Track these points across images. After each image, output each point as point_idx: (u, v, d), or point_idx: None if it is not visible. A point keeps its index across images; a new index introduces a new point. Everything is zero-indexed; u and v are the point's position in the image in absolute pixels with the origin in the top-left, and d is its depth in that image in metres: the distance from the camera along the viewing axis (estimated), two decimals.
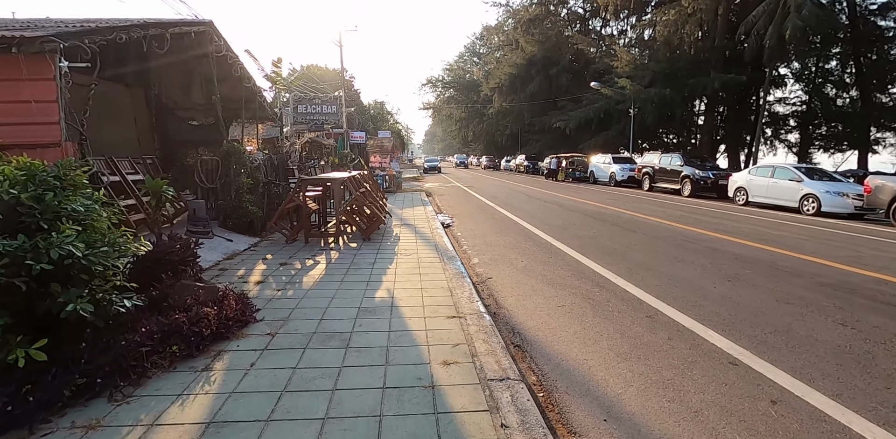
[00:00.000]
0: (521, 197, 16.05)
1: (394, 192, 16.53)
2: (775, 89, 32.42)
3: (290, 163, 10.45)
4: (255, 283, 4.68)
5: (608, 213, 11.32)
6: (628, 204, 13.75)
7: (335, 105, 10.71)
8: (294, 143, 10.71)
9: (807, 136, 32.11)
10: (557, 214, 11.16)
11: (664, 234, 8.34)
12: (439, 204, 13.92)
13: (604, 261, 6.19)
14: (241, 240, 6.74)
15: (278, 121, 10.08)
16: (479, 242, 7.75)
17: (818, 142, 32.13)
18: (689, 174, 16.69)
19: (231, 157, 6.90)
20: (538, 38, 38.12)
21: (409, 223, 9.23)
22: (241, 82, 8.20)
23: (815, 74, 31.23)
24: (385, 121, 63.93)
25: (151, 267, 3.70)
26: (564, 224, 9.60)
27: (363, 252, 6.31)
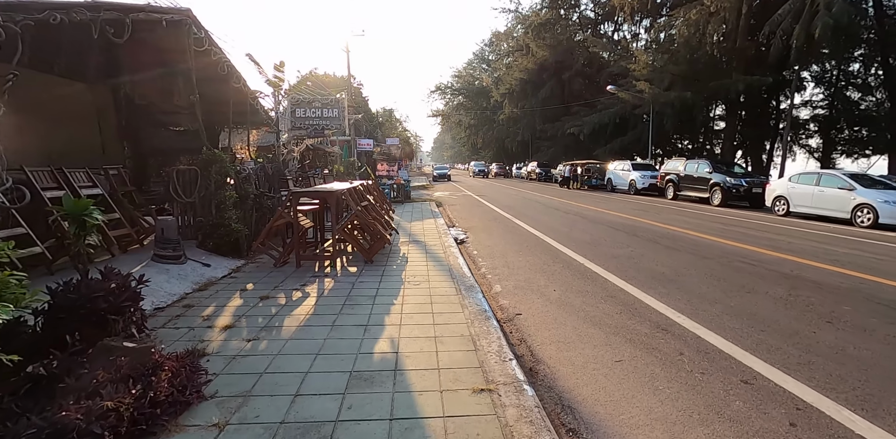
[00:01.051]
0: (537, 207, 14.97)
1: (402, 202, 15.54)
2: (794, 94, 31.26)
3: (287, 172, 9.50)
4: (221, 329, 3.66)
5: (639, 227, 10.19)
6: (657, 215, 12.60)
7: (337, 108, 9.81)
8: (292, 151, 9.82)
9: (829, 141, 30.80)
10: (582, 228, 10.06)
11: (713, 253, 7.21)
12: (451, 215, 12.89)
13: (655, 290, 5.09)
14: (222, 263, 5.74)
15: (274, 127, 9.17)
16: (498, 263, 6.69)
17: (840, 146, 30.85)
18: (720, 182, 15.50)
19: (211, 167, 5.94)
20: (549, 43, 37.18)
21: (418, 239, 8.20)
22: (230, 82, 7.27)
23: (837, 77, 29.99)
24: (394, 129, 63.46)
25: (66, 320, 2.69)
26: (593, 239, 8.51)
27: (364, 279, 5.27)
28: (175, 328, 3.68)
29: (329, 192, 5.81)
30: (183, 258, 5.27)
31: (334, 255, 5.85)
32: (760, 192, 15.00)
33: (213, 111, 8.44)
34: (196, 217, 6.13)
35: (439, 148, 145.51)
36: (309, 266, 5.93)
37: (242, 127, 9.47)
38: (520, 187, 27.48)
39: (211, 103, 8.19)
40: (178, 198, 6.06)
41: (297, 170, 11.84)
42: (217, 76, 7.29)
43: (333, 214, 5.81)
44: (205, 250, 6.01)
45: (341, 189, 6.17)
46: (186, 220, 6.19)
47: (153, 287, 4.44)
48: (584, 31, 37.52)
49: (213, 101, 8.06)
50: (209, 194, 6.04)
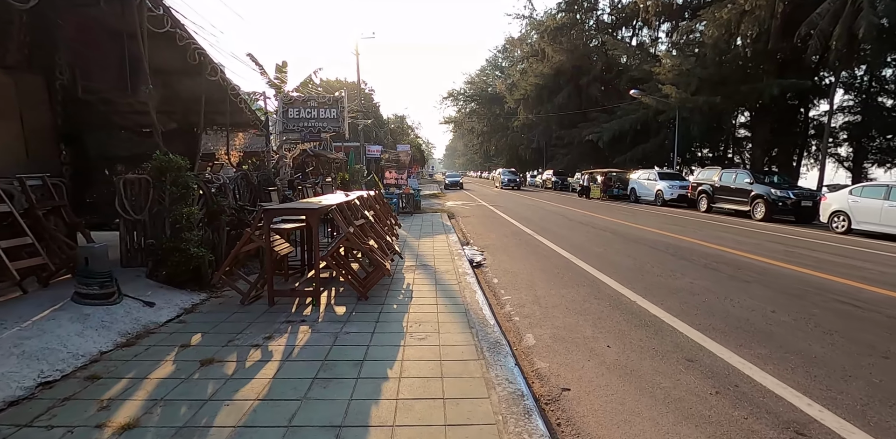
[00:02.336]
0: (559, 219, 13.57)
1: (411, 214, 14.26)
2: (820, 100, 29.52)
3: (278, 181, 8.27)
4: (115, 432, 2.35)
5: (684, 247, 8.76)
6: (697, 231, 11.13)
7: (335, 108, 8.60)
8: (284, 157, 8.64)
9: (861, 150, 29.02)
10: (618, 247, 8.65)
11: (798, 288, 5.77)
12: (464, 229, 11.55)
13: (750, 351, 3.70)
14: (173, 300, 4.46)
15: (263, 129, 8.01)
16: (526, 298, 5.33)
17: (872, 155, 29.09)
18: (763, 194, 13.96)
19: (165, 176, 4.69)
20: (566, 47, 35.89)
21: (426, 262, 6.87)
22: (203, 74, 6.07)
23: (870, 83, 28.28)
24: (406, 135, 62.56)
25: None
26: (636, 264, 7.10)
27: (352, 328, 3.95)
28: (45, 427, 2.39)
29: (311, 209, 4.52)
30: (116, 296, 4.00)
31: (316, 293, 4.53)
32: (810, 206, 13.45)
33: (191, 110, 7.26)
34: (146, 238, 4.88)
35: (451, 155, 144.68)
36: (286, 303, 4.64)
37: (231, 129, 8.28)
38: (536, 197, 26.08)
39: (186, 101, 7.02)
40: (124, 214, 4.82)
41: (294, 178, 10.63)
42: (189, 68, 6.12)
43: (314, 240, 4.50)
44: (155, 281, 4.75)
45: (329, 204, 4.88)
46: (135, 243, 4.94)
47: (52, 345, 3.18)
48: (602, 36, 36.17)
49: (189, 98, 6.88)
50: (162, 210, 4.79)
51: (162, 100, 6.83)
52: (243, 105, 7.28)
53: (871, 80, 28.55)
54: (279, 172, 8.36)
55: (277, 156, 8.48)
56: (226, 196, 6.21)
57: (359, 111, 26.10)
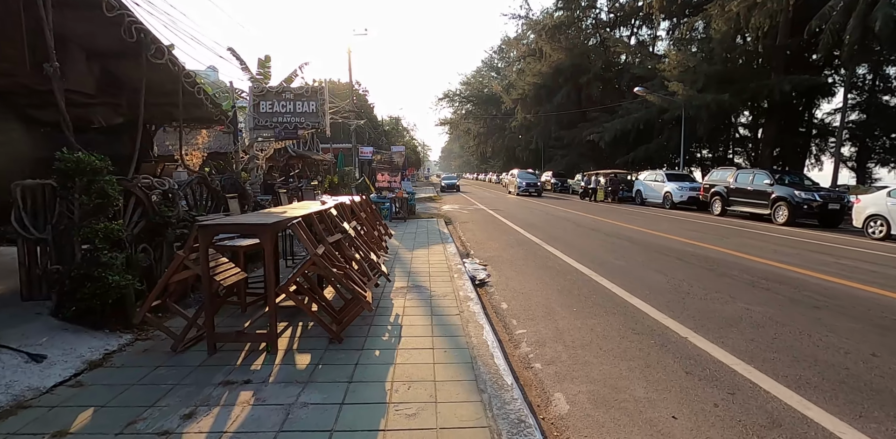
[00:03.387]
0: (566, 225, 12.48)
1: (405, 220, 13.13)
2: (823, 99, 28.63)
3: (248, 186, 7.12)
4: None
5: (718, 259, 7.66)
6: (724, 238, 10.04)
7: (314, 101, 7.47)
8: (256, 157, 7.48)
9: (865, 149, 28.17)
10: (642, 260, 7.54)
11: (882, 314, 4.68)
12: (463, 238, 10.43)
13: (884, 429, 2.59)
14: (78, 349, 3.32)
15: (231, 125, 6.89)
16: (546, 333, 4.21)
17: (876, 155, 28.26)
18: (786, 196, 12.91)
19: (74, 181, 3.55)
20: (565, 45, 34.96)
21: (420, 283, 5.74)
22: (144, 55, 4.94)
23: (873, 82, 27.43)
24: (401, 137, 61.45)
25: None
26: (672, 283, 5.98)
27: (312, 396, 2.81)
28: None
29: (263, 225, 3.38)
30: None
31: (272, 334, 3.39)
32: (838, 209, 12.42)
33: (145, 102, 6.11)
34: (52, 263, 3.72)
35: (447, 157, 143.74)
36: (231, 352, 3.49)
37: (192, 125, 7.12)
38: (536, 199, 24.98)
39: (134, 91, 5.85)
40: (22, 232, 3.67)
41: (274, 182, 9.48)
42: (127, 48, 4.98)
43: (270, 260, 3.37)
44: (61, 320, 3.60)
45: (293, 216, 3.74)
46: (38, 270, 3.78)
47: None
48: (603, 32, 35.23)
49: (133, 87, 5.72)
50: (71, 226, 3.64)
51: (101, 88, 5.71)
52: (203, 96, 6.13)
53: (874, 78, 27.73)
54: (251, 175, 7.22)
55: (247, 156, 7.33)
56: (174, 205, 5.06)
57: (351, 111, 24.96)
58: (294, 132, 7.45)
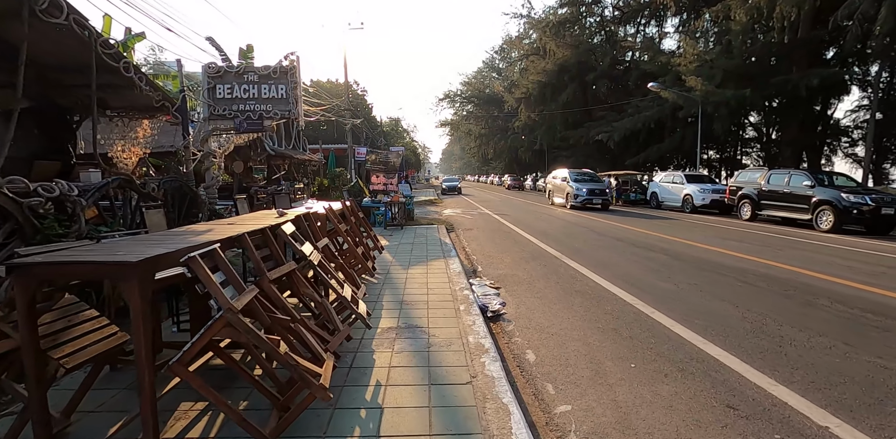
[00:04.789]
0: (583, 233, 11.02)
1: (401, 227, 11.68)
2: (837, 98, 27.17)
3: (203, 190, 5.68)
4: None
5: (795, 281, 6.19)
6: (779, 252, 8.57)
7: (284, 84, 6.04)
8: (212, 155, 6.04)
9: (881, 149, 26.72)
10: (695, 281, 6.08)
11: None
12: (468, 249, 8.98)
13: None
14: None
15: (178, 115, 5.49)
16: (602, 412, 2.75)
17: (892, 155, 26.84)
18: (831, 199, 11.44)
19: None
20: (570, 42, 33.55)
21: (415, 321, 4.27)
22: (28, 9, 3.51)
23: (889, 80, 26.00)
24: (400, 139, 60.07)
25: None
26: (755, 322, 4.51)
27: None
28: None
29: (122, 266, 1.91)
30: None
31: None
32: (892, 214, 10.95)
33: (59, 83, 4.69)
34: None
35: (448, 159, 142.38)
36: None
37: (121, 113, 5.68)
38: (542, 202, 23.52)
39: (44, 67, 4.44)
40: None
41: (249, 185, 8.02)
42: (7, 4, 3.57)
43: (137, 320, 1.90)
44: None
45: (195, 245, 2.29)
46: None
47: None
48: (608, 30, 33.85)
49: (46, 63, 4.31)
50: None
51: None
52: (135, 74, 4.69)
53: (890, 76, 26.32)
54: (205, 177, 5.79)
55: (200, 153, 5.92)
56: (74, 219, 3.62)
57: (347, 110, 23.57)
58: (259, 123, 6.01)
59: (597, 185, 18.28)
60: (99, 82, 4.77)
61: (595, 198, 17.72)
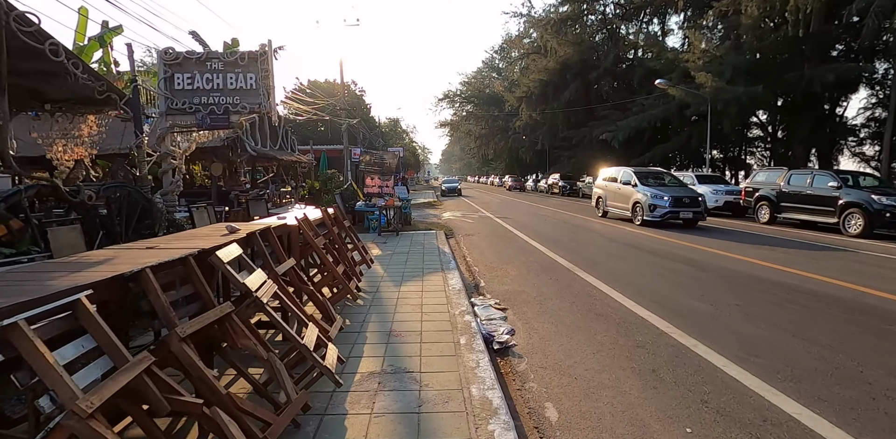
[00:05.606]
0: (595, 239, 10.18)
1: (397, 233, 10.83)
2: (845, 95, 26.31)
3: (158, 197, 4.84)
4: None
5: (859, 303, 5.34)
6: (818, 262, 7.72)
7: (253, 73, 5.22)
8: (170, 156, 5.20)
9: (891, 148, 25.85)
10: (741, 303, 5.23)
11: None
12: (470, 258, 8.14)
13: None
14: None
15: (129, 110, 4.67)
16: None
17: None
18: (861, 201, 10.60)
19: None
20: (572, 40, 32.75)
21: (404, 362, 3.42)
22: None
23: None
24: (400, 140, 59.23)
25: None
26: (832, 360, 3.66)
27: None
28: None
29: None
30: None
31: None
32: None
33: None
34: None
35: (448, 160, 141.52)
36: None
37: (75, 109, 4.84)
38: (546, 204, 22.68)
39: None
40: None
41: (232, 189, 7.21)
42: None
43: None
44: None
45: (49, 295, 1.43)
46: None
47: None
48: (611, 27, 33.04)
49: None
50: None
51: None
52: (62, 57, 3.86)
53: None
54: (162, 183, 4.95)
55: (157, 154, 5.10)
56: None
57: (343, 109, 22.75)
58: (225, 118, 5.17)
59: (683, 192, 12.49)
60: (27, 69, 3.93)
61: (683, 211, 11.87)
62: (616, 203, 13.98)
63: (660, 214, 11.97)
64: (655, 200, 12.14)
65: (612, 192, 14.27)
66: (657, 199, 12.13)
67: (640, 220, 12.51)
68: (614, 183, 14.21)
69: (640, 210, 12.54)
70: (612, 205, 14.23)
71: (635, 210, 12.77)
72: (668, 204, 11.88)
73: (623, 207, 13.45)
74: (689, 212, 11.98)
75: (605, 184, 15.04)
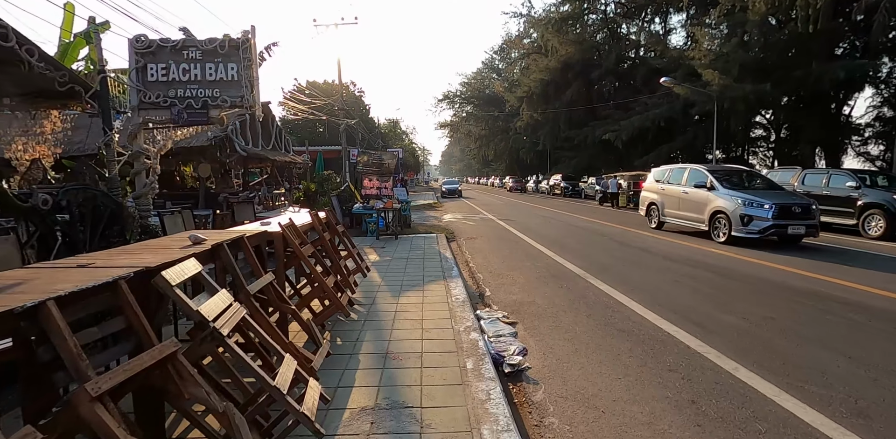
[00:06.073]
0: (604, 243, 9.70)
1: (395, 237, 10.34)
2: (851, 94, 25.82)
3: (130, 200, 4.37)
4: None
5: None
6: (844, 268, 7.25)
7: (235, 63, 4.76)
8: (143, 156, 4.72)
9: None
10: (769, 313, 4.74)
11: None
12: (473, 264, 7.65)
13: None
14: None
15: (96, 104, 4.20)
16: None
17: None
18: (883, 202, 10.12)
19: None
20: (574, 39, 32.32)
21: (400, 394, 2.93)
22: None
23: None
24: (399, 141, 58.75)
25: None
26: None
27: None
28: None
29: None
30: None
31: None
32: None
33: None
34: None
35: (447, 161, 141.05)
36: None
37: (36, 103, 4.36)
38: (548, 206, 22.21)
39: None
40: None
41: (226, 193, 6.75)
42: None
43: None
44: None
45: None
46: None
47: None
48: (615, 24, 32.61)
49: None
50: None
51: None
52: (13, 43, 3.38)
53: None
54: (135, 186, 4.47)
55: (128, 153, 4.64)
56: None
57: (341, 109, 22.28)
58: (203, 113, 4.69)
59: (790, 198, 9.31)
60: None
61: (794, 225, 8.69)
62: (680, 211, 10.95)
63: (759, 229, 8.63)
64: (751, 209, 8.80)
65: (671, 198, 11.32)
66: (754, 208, 8.78)
67: (724, 236, 9.22)
68: (675, 185, 11.24)
69: (724, 222, 9.29)
70: (672, 213, 11.27)
71: (715, 221, 9.58)
72: (772, 214, 8.59)
73: (692, 218, 10.40)
74: (801, 225, 8.68)
75: (658, 186, 11.98)
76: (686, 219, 10.70)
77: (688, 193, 10.60)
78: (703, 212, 9.92)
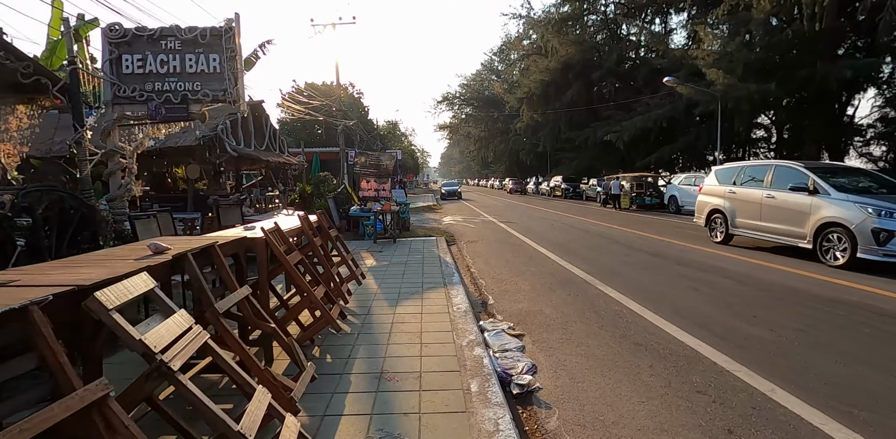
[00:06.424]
0: (610, 246, 9.34)
1: (393, 240, 9.98)
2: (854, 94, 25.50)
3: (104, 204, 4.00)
4: None
5: None
6: (863, 273, 6.90)
7: (217, 54, 4.42)
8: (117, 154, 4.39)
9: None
10: (798, 324, 4.37)
11: None
12: (475, 270, 7.29)
13: None
14: None
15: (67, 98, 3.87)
16: None
17: None
18: None
19: None
20: (573, 39, 32.03)
21: (396, 411, 2.56)
22: None
23: None
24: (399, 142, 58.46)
25: None
26: None
27: None
28: None
29: None
30: None
31: None
32: None
33: None
34: None
35: (447, 163, 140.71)
36: None
37: None
38: (549, 207, 21.87)
39: None
40: None
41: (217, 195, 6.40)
42: None
43: None
44: None
45: None
46: None
47: None
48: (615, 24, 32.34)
49: None
50: None
51: None
52: None
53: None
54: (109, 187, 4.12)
55: (101, 152, 4.29)
56: None
57: (339, 110, 21.94)
58: (183, 108, 4.33)
59: None
60: None
61: None
62: (762, 222, 8.37)
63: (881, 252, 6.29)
64: (890, 222, 6.28)
65: (748, 204, 8.74)
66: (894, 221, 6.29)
67: (842, 258, 6.74)
68: (753, 188, 8.73)
69: (841, 239, 6.78)
70: (748, 224, 8.71)
71: (822, 237, 7.11)
72: None
73: (783, 231, 7.91)
74: None
75: (725, 189, 9.38)
76: (772, 232, 8.15)
77: (776, 198, 8.08)
78: (805, 224, 7.42)
